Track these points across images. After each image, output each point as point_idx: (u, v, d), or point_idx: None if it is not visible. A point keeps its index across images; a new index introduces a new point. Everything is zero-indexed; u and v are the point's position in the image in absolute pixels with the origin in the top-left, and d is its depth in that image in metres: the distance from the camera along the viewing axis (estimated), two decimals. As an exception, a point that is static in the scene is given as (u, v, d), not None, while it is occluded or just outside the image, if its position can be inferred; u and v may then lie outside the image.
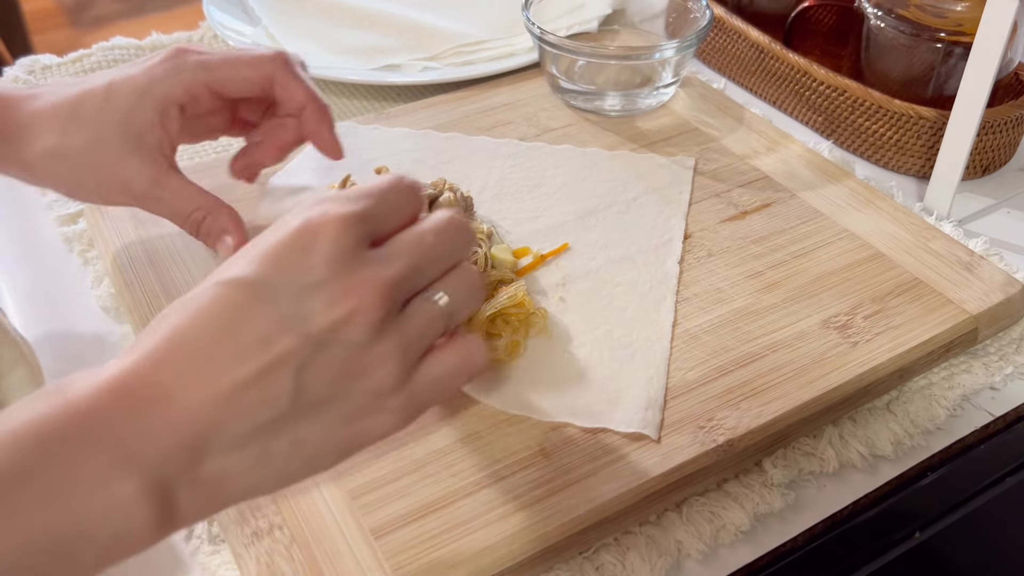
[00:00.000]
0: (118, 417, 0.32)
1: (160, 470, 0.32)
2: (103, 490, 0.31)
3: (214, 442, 0.33)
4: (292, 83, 0.53)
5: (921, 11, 0.72)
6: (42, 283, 0.62)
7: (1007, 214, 0.69)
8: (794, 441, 0.50)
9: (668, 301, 0.56)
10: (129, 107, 0.51)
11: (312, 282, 0.35)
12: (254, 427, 0.34)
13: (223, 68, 0.52)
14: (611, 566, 0.45)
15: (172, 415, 0.33)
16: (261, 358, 0.34)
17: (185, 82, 0.51)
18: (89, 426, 0.32)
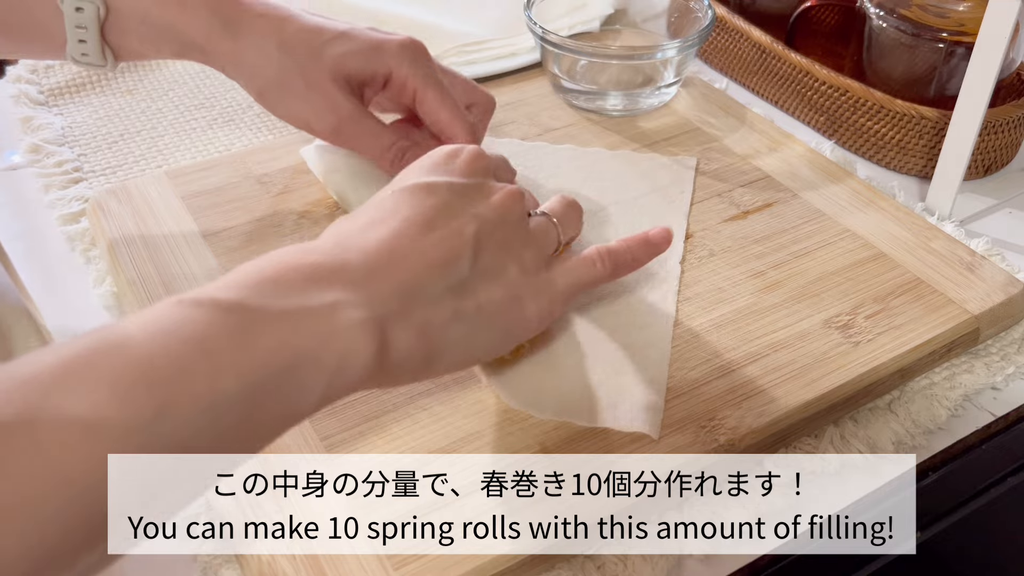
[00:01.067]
0: (337, 270, 0.38)
1: (380, 308, 0.38)
2: (334, 315, 0.36)
3: (419, 293, 0.40)
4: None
5: (923, 11, 0.72)
6: (44, 282, 0.62)
7: (1009, 214, 0.69)
8: (795, 441, 0.51)
9: (669, 301, 0.56)
10: (355, 52, 0.56)
11: (465, 182, 0.45)
12: (446, 286, 0.41)
13: (434, 92, 0.58)
14: (613, 565, 0.45)
15: (388, 266, 0.40)
16: (445, 229, 0.42)
17: (406, 71, 0.57)
18: (312, 273, 0.38)
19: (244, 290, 0.36)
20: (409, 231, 0.42)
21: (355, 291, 0.38)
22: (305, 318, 0.36)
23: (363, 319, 0.37)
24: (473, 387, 0.50)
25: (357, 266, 0.39)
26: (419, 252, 0.41)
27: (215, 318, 0.34)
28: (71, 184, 0.70)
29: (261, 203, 0.63)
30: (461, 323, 0.42)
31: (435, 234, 0.42)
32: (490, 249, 0.44)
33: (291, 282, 0.37)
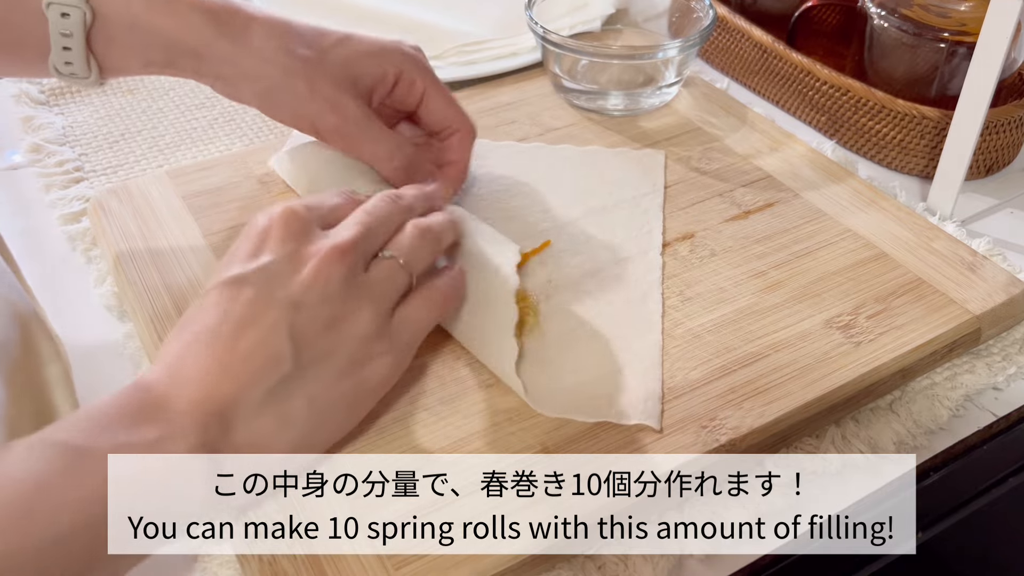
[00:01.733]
0: (160, 405, 0.40)
1: (200, 439, 0.39)
2: (163, 444, 0.38)
3: (238, 411, 0.40)
4: (461, 152, 0.60)
5: (924, 11, 0.72)
6: (45, 281, 0.62)
7: (1010, 214, 0.69)
8: (797, 441, 0.50)
9: (655, 292, 0.56)
10: (362, 54, 0.56)
11: (277, 259, 0.43)
12: (266, 392, 0.41)
13: (440, 92, 0.58)
14: (613, 566, 0.44)
15: (206, 392, 0.40)
16: (256, 330, 0.41)
17: (413, 73, 0.57)
18: (140, 412, 0.39)
19: (76, 431, 0.38)
20: (220, 347, 0.41)
21: (175, 425, 0.39)
22: (131, 453, 0.38)
23: (188, 447, 0.39)
24: (473, 388, 0.50)
25: (175, 400, 0.40)
26: (232, 370, 0.41)
27: (52, 457, 0.36)
28: (72, 184, 0.70)
29: (262, 203, 0.63)
30: (290, 426, 0.42)
31: (246, 343, 0.41)
32: (312, 334, 0.42)
33: (120, 421, 0.39)
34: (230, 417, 0.40)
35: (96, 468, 0.36)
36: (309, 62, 0.54)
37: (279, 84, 0.54)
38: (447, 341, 0.53)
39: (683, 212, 0.63)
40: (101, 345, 0.58)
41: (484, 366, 0.51)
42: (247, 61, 0.54)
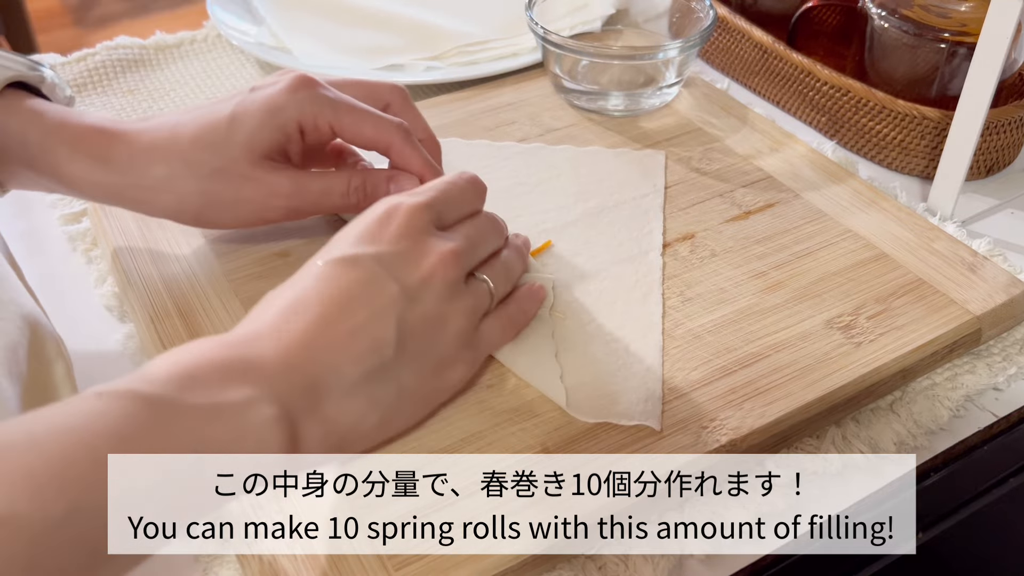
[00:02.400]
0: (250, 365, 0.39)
1: (290, 405, 0.38)
2: (245, 413, 0.37)
3: (332, 385, 0.40)
4: (408, 154, 0.54)
5: (925, 11, 0.72)
6: (45, 282, 0.62)
7: (1011, 215, 0.69)
8: (797, 441, 0.50)
9: (655, 293, 0.56)
10: (254, 129, 0.51)
11: (396, 250, 0.44)
12: (364, 372, 0.41)
13: (349, 115, 0.53)
14: (614, 566, 0.44)
15: (302, 361, 0.40)
16: (367, 310, 0.42)
17: (311, 114, 0.52)
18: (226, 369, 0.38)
19: (161, 384, 0.36)
20: (328, 318, 0.41)
21: (266, 387, 0.38)
22: (217, 414, 0.36)
23: (273, 416, 0.38)
24: (474, 387, 0.50)
25: (270, 361, 0.39)
26: (336, 344, 0.41)
27: (131, 410, 0.34)
28: (73, 184, 0.70)
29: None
30: (376, 410, 0.42)
31: (355, 320, 0.41)
32: (416, 328, 0.43)
33: (206, 377, 0.37)
34: (323, 389, 0.40)
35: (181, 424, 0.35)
36: (219, 165, 0.52)
37: (204, 204, 0.53)
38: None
39: (683, 212, 0.63)
40: (101, 345, 0.58)
41: (485, 367, 0.51)
42: (160, 193, 0.52)
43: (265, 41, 0.82)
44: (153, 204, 0.53)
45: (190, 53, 0.87)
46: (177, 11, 2.54)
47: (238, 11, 0.86)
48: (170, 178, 0.52)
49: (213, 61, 0.86)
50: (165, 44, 0.87)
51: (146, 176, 0.52)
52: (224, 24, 0.83)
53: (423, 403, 0.46)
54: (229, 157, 0.52)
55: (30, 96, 0.52)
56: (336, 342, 0.41)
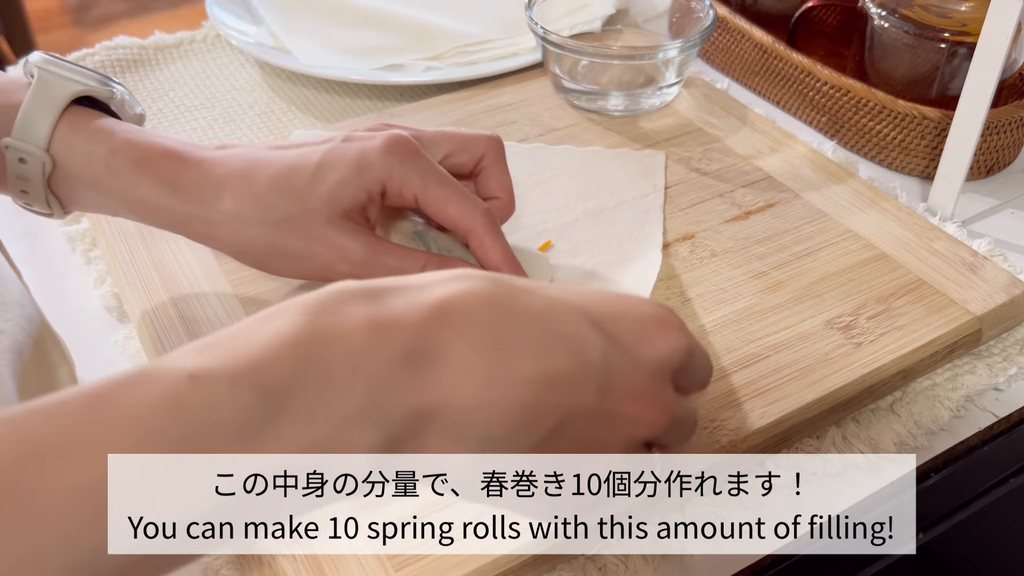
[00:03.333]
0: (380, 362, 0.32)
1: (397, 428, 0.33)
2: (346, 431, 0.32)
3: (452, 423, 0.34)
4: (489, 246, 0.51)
5: (925, 11, 0.72)
6: (44, 282, 0.62)
7: (1011, 215, 0.69)
8: (797, 442, 0.50)
9: (647, 286, 0.56)
10: (340, 184, 0.49)
11: (634, 368, 0.36)
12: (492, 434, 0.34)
13: (435, 190, 0.50)
14: (614, 566, 0.44)
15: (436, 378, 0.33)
16: (547, 388, 0.34)
17: (399, 179, 0.49)
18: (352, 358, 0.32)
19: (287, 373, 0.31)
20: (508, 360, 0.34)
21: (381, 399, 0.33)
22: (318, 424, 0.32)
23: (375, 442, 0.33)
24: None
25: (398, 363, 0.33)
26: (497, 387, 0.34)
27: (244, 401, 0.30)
28: (72, 184, 0.70)
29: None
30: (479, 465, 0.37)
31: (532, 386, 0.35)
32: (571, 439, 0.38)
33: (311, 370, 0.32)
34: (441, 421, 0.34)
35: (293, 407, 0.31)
36: (293, 215, 0.49)
37: (269, 251, 0.50)
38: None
39: (683, 213, 0.63)
40: (101, 346, 0.58)
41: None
42: (225, 229, 0.49)
43: (264, 41, 0.82)
44: (216, 240, 0.50)
45: (189, 53, 0.87)
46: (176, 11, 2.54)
47: (237, 11, 0.86)
48: (239, 217, 0.49)
49: (212, 61, 0.86)
50: (164, 44, 0.87)
51: (213, 210, 0.48)
52: (223, 24, 0.83)
53: None
54: (306, 208, 0.49)
55: (98, 114, 0.50)
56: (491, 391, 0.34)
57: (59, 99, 0.48)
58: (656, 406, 0.37)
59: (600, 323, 0.36)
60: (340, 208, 0.49)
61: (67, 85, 0.48)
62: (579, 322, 0.35)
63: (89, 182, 0.49)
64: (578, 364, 0.35)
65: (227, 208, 0.48)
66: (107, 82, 0.51)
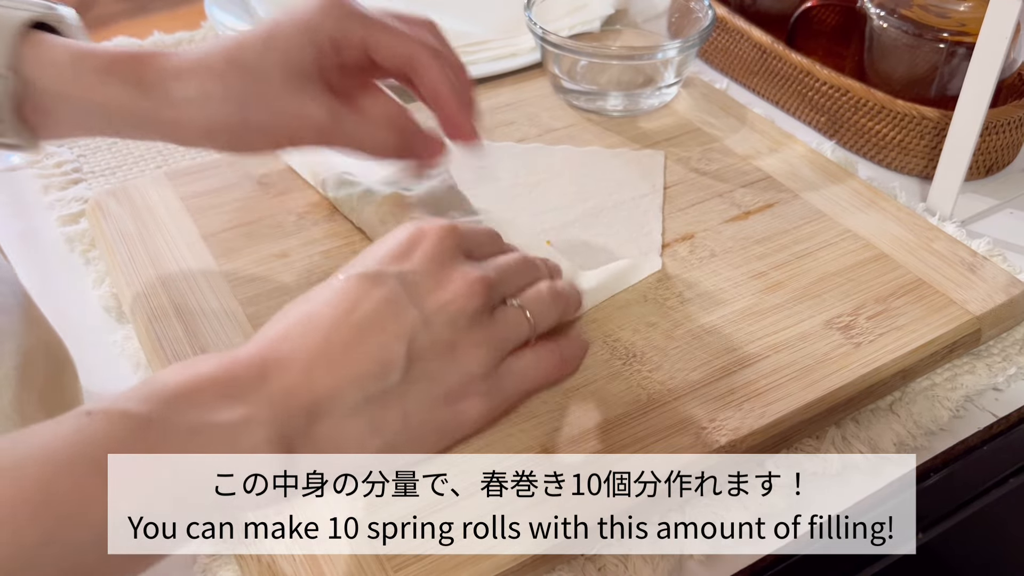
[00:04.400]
0: (249, 384, 0.37)
1: (286, 427, 0.37)
2: (238, 434, 0.36)
3: (332, 407, 0.38)
4: (436, 77, 0.52)
5: (924, 11, 0.72)
6: (43, 283, 0.62)
7: (1010, 215, 0.69)
8: (797, 442, 0.50)
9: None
10: (289, 50, 0.50)
11: (419, 272, 0.42)
12: (366, 396, 0.39)
13: (381, 32, 0.51)
14: (613, 567, 0.44)
15: (306, 380, 0.38)
16: (380, 333, 0.40)
17: (344, 29, 0.51)
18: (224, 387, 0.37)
19: (153, 404, 0.35)
20: (340, 336, 0.39)
21: (264, 407, 0.37)
22: (206, 434, 0.35)
23: (267, 438, 0.36)
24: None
25: (270, 380, 0.38)
26: (344, 363, 0.39)
27: (117, 432, 0.34)
28: (70, 185, 0.70)
29: (261, 204, 0.63)
30: (379, 436, 0.40)
31: (368, 341, 0.40)
32: (429, 355, 0.41)
33: (201, 396, 0.36)
34: (320, 412, 0.38)
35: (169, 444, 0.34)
36: (254, 90, 0.50)
37: (237, 127, 0.50)
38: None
39: (683, 213, 0.63)
40: (100, 346, 0.58)
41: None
42: (192, 115, 0.50)
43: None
44: (186, 128, 0.50)
45: (188, 53, 0.87)
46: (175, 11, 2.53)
47: (236, 11, 0.86)
48: (204, 98, 0.49)
49: (211, 61, 0.86)
50: (163, 44, 0.87)
51: (178, 97, 0.49)
52: (222, 24, 0.83)
53: (434, 434, 0.42)
54: (262, 78, 0.50)
55: (54, 36, 0.51)
56: (341, 363, 0.39)
57: (14, 25, 0.48)
58: (456, 280, 0.42)
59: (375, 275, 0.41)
60: (295, 71, 0.50)
61: (19, 14, 0.49)
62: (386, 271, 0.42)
63: (56, 95, 0.49)
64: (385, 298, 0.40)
65: (190, 93, 0.49)
66: (52, 8, 0.51)
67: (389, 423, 0.40)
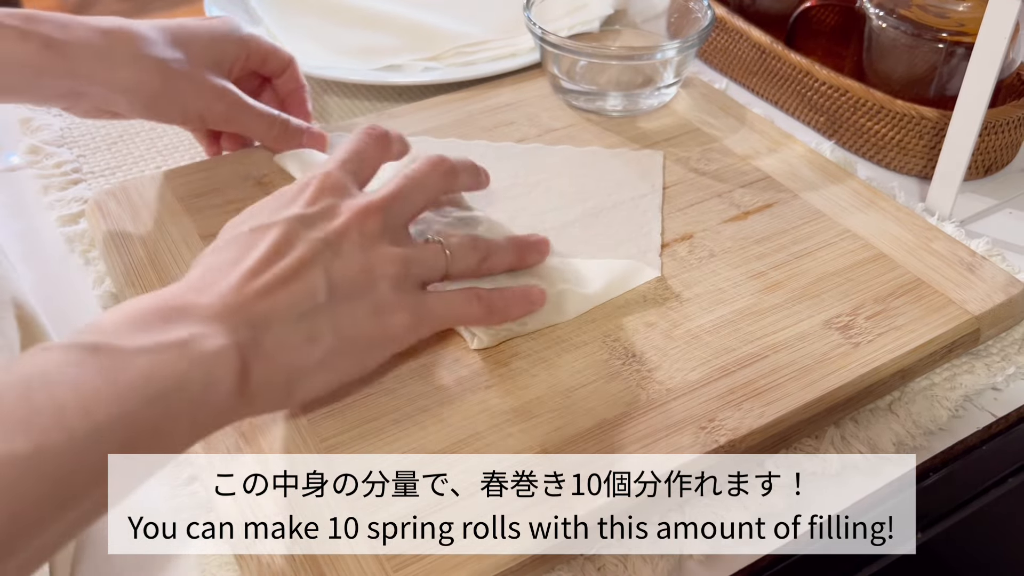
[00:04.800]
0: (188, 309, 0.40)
1: (234, 336, 0.40)
2: (191, 346, 0.38)
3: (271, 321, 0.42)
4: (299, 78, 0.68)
5: (923, 11, 0.72)
6: (43, 283, 0.62)
7: (1009, 214, 0.69)
8: (796, 442, 0.50)
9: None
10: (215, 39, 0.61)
11: (314, 211, 0.46)
12: (299, 314, 0.43)
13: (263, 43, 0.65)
14: (613, 567, 0.44)
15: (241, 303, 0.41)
16: (294, 262, 0.43)
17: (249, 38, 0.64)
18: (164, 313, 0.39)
19: (104, 333, 0.37)
20: (258, 270, 0.43)
21: (209, 324, 0.40)
22: (163, 351, 0.37)
23: (220, 346, 0.39)
24: (474, 388, 0.50)
25: (210, 303, 0.41)
26: (269, 290, 0.42)
27: (79, 358, 0.36)
28: (70, 185, 0.70)
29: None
30: (317, 347, 0.43)
31: (284, 270, 0.43)
32: (345, 276, 0.45)
33: (148, 321, 0.38)
34: (260, 325, 0.41)
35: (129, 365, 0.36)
36: (180, 61, 0.59)
37: (162, 90, 0.59)
38: (448, 343, 0.53)
39: (682, 213, 0.63)
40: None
41: (484, 368, 0.51)
42: (122, 77, 0.58)
43: (263, 41, 0.82)
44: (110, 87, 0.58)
45: (188, 53, 0.87)
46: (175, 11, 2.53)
47: (235, 11, 0.86)
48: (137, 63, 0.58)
49: (211, 61, 0.86)
50: (163, 44, 0.87)
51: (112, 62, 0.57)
52: (222, 24, 0.83)
53: (368, 346, 0.46)
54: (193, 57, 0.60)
55: None
56: (268, 288, 0.42)
57: None
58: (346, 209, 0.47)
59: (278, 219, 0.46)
60: (218, 59, 0.62)
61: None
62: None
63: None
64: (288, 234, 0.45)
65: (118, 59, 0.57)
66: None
67: (324, 337, 0.43)
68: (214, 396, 0.38)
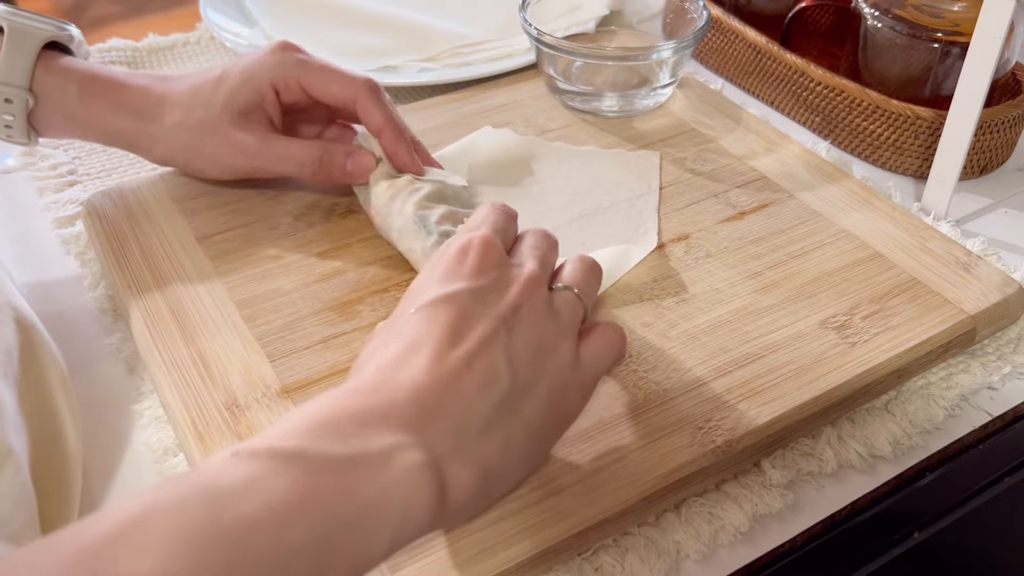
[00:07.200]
0: (395, 406, 0.37)
1: (435, 449, 0.37)
2: (393, 461, 0.35)
3: (470, 426, 0.38)
4: (373, 109, 0.59)
5: (918, 11, 0.72)
6: (39, 285, 0.62)
7: (1004, 214, 0.69)
8: (792, 442, 0.50)
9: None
10: (233, 89, 0.59)
11: (483, 284, 0.42)
12: (492, 405, 0.39)
13: (317, 73, 0.60)
14: (610, 567, 0.44)
15: (435, 402, 0.38)
16: (476, 341, 0.40)
17: (283, 74, 0.59)
18: (375, 410, 0.37)
19: (301, 437, 0.34)
20: (444, 356, 0.39)
21: (409, 433, 0.36)
22: (365, 465, 0.35)
23: (421, 462, 0.36)
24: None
25: (406, 405, 0.37)
26: (459, 375, 0.39)
27: (275, 469, 0.33)
28: (66, 187, 0.70)
29: (256, 206, 0.63)
30: (511, 447, 0.40)
31: (467, 350, 0.40)
32: (525, 355, 0.41)
33: (346, 427, 0.36)
34: (463, 429, 0.38)
35: (330, 480, 0.33)
36: (205, 122, 0.59)
37: (194, 151, 0.60)
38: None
39: (678, 213, 0.63)
40: (95, 348, 0.57)
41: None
42: (167, 139, 0.60)
43: (258, 43, 0.82)
44: (151, 151, 0.61)
45: (183, 55, 0.87)
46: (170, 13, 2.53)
47: (231, 13, 0.86)
48: (170, 128, 0.60)
49: (206, 63, 0.86)
50: (158, 46, 0.87)
51: (155, 124, 0.60)
52: (217, 26, 0.83)
53: (547, 436, 0.43)
54: (212, 114, 0.59)
55: (63, 55, 0.60)
56: (458, 373, 0.39)
57: (33, 46, 0.58)
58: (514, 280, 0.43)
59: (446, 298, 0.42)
60: (238, 110, 0.59)
61: (37, 33, 0.58)
62: None
63: (65, 114, 0.60)
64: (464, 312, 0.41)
65: (167, 123, 0.60)
66: (64, 27, 0.60)
67: (515, 433, 0.40)
68: (414, 515, 0.36)
